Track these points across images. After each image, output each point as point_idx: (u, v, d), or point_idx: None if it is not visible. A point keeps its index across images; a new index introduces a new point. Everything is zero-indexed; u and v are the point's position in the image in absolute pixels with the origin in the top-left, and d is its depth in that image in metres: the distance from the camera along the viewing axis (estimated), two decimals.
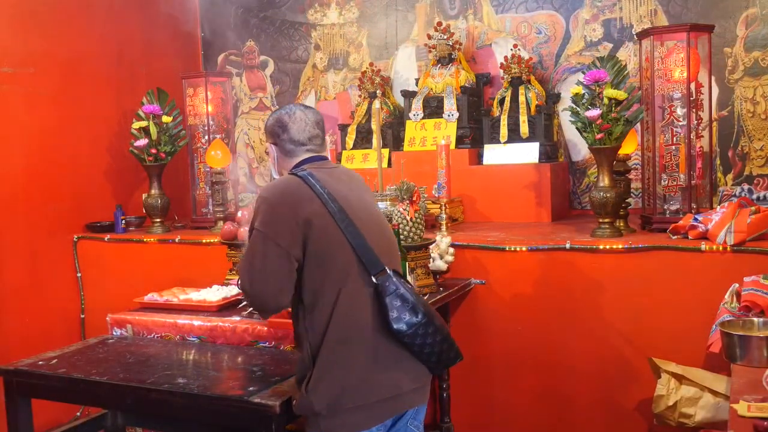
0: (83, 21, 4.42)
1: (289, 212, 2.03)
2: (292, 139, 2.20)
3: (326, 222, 2.04)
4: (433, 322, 2.09)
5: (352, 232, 2.06)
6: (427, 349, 2.09)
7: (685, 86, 3.31)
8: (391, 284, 2.05)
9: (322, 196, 2.06)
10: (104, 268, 4.24)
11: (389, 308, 2.03)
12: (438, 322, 2.11)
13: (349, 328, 2.03)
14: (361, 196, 2.21)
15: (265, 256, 2.03)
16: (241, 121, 5.21)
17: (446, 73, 4.28)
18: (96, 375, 2.49)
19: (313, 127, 2.23)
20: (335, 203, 2.06)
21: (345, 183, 2.19)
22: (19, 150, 4.02)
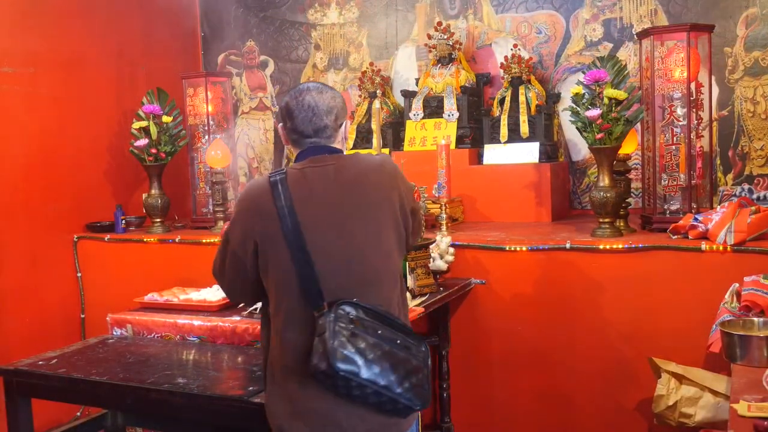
0: (83, 21, 4.42)
1: (246, 222, 1.95)
2: (295, 129, 2.00)
3: (276, 243, 1.88)
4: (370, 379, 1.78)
5: (300, 260, 1.86)
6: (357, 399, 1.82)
7: (685, 86, 3.31)
8: (330, 323, 1.79)
9: (281, 210, 1.88)
10: (104, 268, 4.24)
11: (313, 349, 1.78)
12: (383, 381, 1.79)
13: (288, 355, 1.89)
14: (341, 209, 1.92)
15: (224, 257, 2.04)
16: (242, 121, 5.21)
17: (446, 73, 4.28)
18: (96, 375, 2.49)
19: (323, 116, 1.98)
20: (292, 220, 1.87)
21: (325, 190, 1.92)
22: (19, 150, 4.02)
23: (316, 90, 2.01)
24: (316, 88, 2.02)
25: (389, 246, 1.98)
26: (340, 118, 2.04)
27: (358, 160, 2.04)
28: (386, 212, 1.97)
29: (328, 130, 2.02)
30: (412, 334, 1.93)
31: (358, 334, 1.80)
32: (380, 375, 1.79)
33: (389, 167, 2.04)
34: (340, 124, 2.05)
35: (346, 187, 1.94)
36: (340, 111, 2.04)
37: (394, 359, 1.82)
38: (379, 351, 1.81)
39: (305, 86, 2.03)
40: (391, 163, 2.07)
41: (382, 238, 1.96)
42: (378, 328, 1.85)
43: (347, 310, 1.83)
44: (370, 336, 1.82)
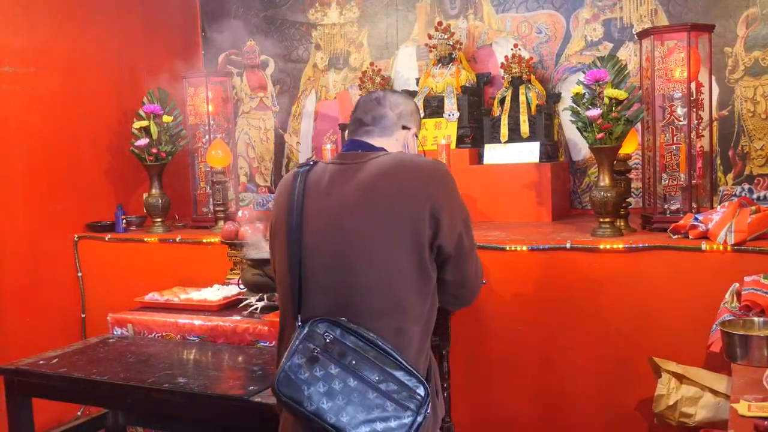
0: (84, 20, 4.42)
1: (271, 212, 1.89)
2: (355, 117, 1.97)
3: (281, 239, 1.77)
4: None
5: (292, 263, 1.71)
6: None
7: (685, 86, 3.31)
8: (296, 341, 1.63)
9: (290, 206, 1.75)
10: (105, 268, 4.24)
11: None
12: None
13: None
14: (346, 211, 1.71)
15: None
16: (242, 120, 5.21)
17: (447, 73, 4.28)
18: (97, 374, 2.49)
19: (387, 107, 1.90)
20: (297, 218, 1.73)
21: (341, 189, 1.73)
22: (19, 150, 4.02)
23: (389, 92, 2.04)
24: (390, 91, 2.05)
25: (398, 266, 1.67)
26: (404, 118, 1.95)
27: (395, 156, 1.79)
28: (402, 223, 1.67)
29: (386, 120, 1.90)
30: (411, 373, 1.62)
31: (320, 358, 1.59)
32: (331, 411, 1.56)
33: (430, 170, 1.74)
34: (403, 125, 1.94)
35: (361, 187, 1.71)
36: (407, 113, 1.96)
37: (358, 397, 1.56)
38: (340, 384, 1.57)
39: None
40: (440, 170, 1.78)
41: (386, 253, 1.67)
42: (353, 358, 1.59)
43: (322, 329, 1.62)
44: (335, 364, 1.58)
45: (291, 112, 5.07)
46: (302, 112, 5.03)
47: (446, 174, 1.79)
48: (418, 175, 1.73)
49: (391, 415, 1.57)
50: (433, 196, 1.71)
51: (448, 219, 1.71)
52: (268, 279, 2.91)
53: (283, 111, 5.10)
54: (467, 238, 1.79)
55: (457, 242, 1.75)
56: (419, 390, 1.60)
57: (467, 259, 1.80)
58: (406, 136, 1.97)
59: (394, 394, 1.58)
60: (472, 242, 1.83)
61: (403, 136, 1.96)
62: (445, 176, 1.78)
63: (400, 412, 1.58)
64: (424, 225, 1.68)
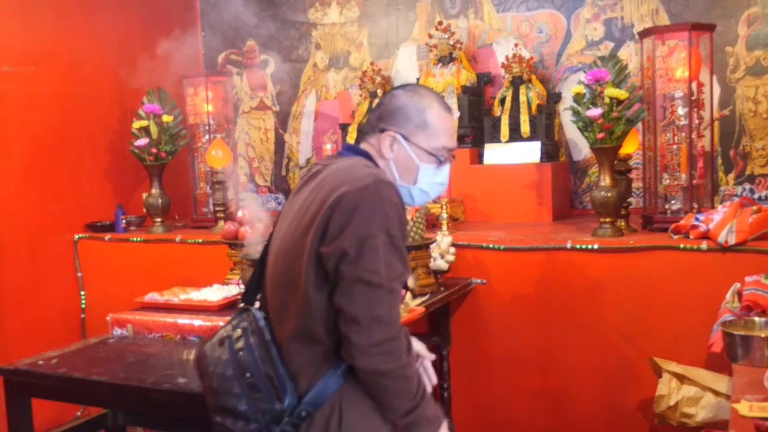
0: (84, 20, 4.42)
1: None
2: None
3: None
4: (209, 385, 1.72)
5: (261, 259, 1.83)
6: None
7: (686, 85, 3.30)
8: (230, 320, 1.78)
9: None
10: (105, 268, 4.24)
11: None
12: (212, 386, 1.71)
13: None
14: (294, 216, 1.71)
15: None
16: (242, 120, 5.21)
17: (447, 73, 4.28)
18: (96, 375, 2.49)
19: (375, 109, 1.82)
20: (278, 218, 1.82)
21: (306, 192, 1.73)
22: (19, 150, 4.02)
23: (404, 87, 1.82)
24: (408, 86, 1.83)
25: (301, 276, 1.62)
26: (384, 118, 1.77)
27: (339, 166, 1.72)
28: (309, 238, 1.62)
29: (370, 121, 1.80)
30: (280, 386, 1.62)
31: (225, 344, 1.73)
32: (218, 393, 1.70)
33: (346, 190, 1.59)
34: (380, 126, 1.76)
35: (308, 194, 1.71)
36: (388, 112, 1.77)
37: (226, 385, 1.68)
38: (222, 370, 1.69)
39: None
40: (354, 191, 1.59)
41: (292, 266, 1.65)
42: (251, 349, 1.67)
43: (255, 316, 1.72)
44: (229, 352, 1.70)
45: (291, 112, 5.07)
46: (302, 111, 5.03)
47: (375, 192, 1.60)
48: (331, 188, 1.63)
49: (243, 416, 1.65)
50: (336, 202, 1.59)
51: (338, 229, 1.58)
52: None
53: (283, 111, 5.09)
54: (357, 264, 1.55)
55: (338, 259, 1.57)
56: (276, 404, 1.62)
57: (351, 288, 1.56)
58: (380, 139, 1.76)
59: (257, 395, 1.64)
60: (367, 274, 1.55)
61: (377, 140, 1.76)
62: (357, 200, 1.58)
63: (251, 416, 1.64)
64: (318, 232, 1.60)
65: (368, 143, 1.80)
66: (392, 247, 1.58)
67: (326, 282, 1.60)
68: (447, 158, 1.82)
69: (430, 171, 1.79)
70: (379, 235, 1.56)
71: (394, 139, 1.76)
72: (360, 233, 1.56)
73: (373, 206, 1.58)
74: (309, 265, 1.61)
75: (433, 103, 1.79)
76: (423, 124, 1.76)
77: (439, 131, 1.77)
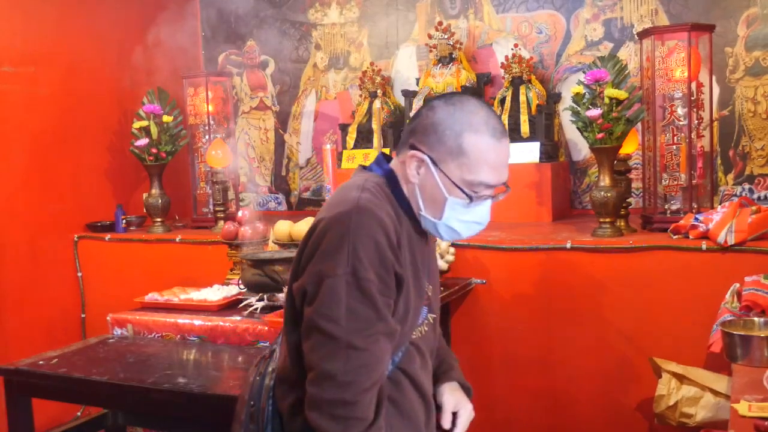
0: (83, 21, 4.42)
1: None
2: None
3: None
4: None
5: None
6: None
7: (686, 86, 3.31)
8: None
9: None
10: (105, 268, 4.24)
11: None
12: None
13: None
14: None
15: None
16: (242, 120, 5.21)
17: (447, 73, 4.28)
18: (96, 375, 2.49)
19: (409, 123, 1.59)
20: None
21: None
22: (19, 150, 4.02)
23: (450, 96, 1.53)
24: (454, 95, 1.53)
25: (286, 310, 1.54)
26: (415, 134, 1.49)
27: (346, 183, 1.55)
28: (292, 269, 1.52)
29: (401, 140, 1.56)
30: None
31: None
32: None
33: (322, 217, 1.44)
34: (411, 143, 1.49)
35: None
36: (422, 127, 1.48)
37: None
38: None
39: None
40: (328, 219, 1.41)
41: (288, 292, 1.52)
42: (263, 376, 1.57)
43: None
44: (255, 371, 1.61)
45: (291, 112, 5.07)
46: (302, 112, 5.03)
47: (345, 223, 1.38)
48: (321, 211, 1.49)
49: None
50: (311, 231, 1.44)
51: (304, 263, 1.42)
52: (268, 279, 2.91)
53: (283, 111, 5.10)
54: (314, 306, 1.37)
55: (301, 298, 1.42)
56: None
57: (309, 333, 1.39)
58: (407, 158, 1.49)
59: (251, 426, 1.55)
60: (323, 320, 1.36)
61: (404, 158, 1.50)
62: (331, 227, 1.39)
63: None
64: (294, 263, 1.48)
65: (398, 160, 1.54)
66: (359, 292, 1.34)
67: (298, 326, 1.43)
68: (485, 196, 1.51)
69: (459, 207, 1.50)
70: (341, 275, 1.34)
71: (421, 162, 1.48)
72: (319, 271, 1.36)
73: (340, 239, 1.36)
74: (288, 300, 1.49)
75: (478, 125, 1.45)
76: (458, 150, 1.45)
77: (478, 162, 1.45)
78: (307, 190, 5.05)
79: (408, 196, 1.52)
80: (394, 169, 1.55)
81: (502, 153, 1.48)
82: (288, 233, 3.27)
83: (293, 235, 3.26)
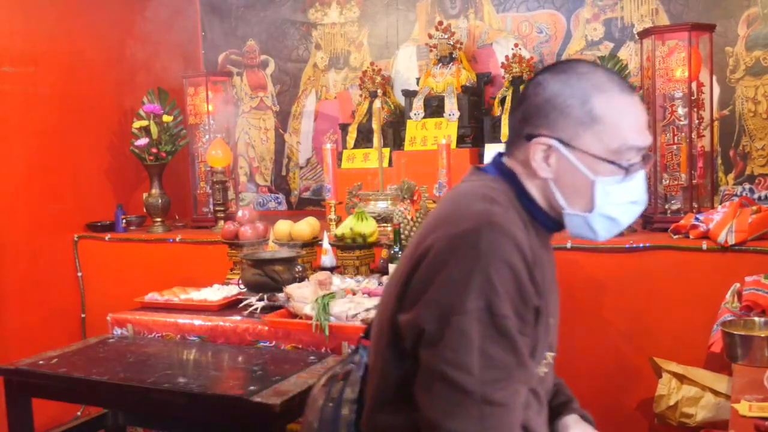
0: (83, 21, 4.42)
1: None
2: None
3: None
4: None
5: None
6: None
7: (686, 85, 3.30)
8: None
9: None
10: (105, 268, 4.24)
11: None
12: None
13: None
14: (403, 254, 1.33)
15: None
16: (242, 120, 5.21)
17: (447, 73, 4.28)
18: (96, 374, 2.48)
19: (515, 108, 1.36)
20: None
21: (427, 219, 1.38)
22: (19, 150, 4.02)
23: (558, 66, 1.29)
24: (562, 65, 1.29)
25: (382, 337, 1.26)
26: (530, 119, 1.25)
27: (459, 192, 1.30)
28: (394, 294, 1.23)
29: (511, 124, 1.31)
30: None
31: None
32: None
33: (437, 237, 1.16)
34: (527, 132, 1.25)
35: (423, 224, 1.31)
36: (535, 107, 1.24)
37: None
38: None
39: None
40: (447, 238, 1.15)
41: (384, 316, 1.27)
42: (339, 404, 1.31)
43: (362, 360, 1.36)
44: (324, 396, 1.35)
45: (291, 112, 5.07)
46: (302, 111, 5.03)
47: (473, 244, 1.11)
48: (429, 228, 1.20)
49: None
50: (425, 252, 1.16)
51: (418, 291, 1.15)
52: (268, 279, 2.91)
53: (283, 111, 5.09)
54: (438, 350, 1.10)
55: (415, 337, 1.14)
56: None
57: (430, 383, 1.11)
58: (528, 151, 1.25)
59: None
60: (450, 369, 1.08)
61: (525, 152, 1.26)
62: (455, 250, 1.13)
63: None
64: (399, 287, 1.20)
65: (514, 158, 1.29)
66: (495, 332, 1.08)
67: (405, 359, 1.17)
68: (638, 163, 1.25)
69: (613, 186, 1.24)
70: (472, 311, 1.08)
71: (549, 149, 1.24)
72: (443, 305, 1.09)
73: (469, 265, 1.09)
74: (388, 331, 1.21)
75: (602, 84, 1.25)
76: (589, 118, 1.22)
77: (619, 125, 1.23)
78: (307, 189, 5.05)
79: (538, 198, 1.29)
80: (513, 171, 1.27)
81: (640, 109, 1.29)
82: (288, 233, 3.28)
83: (293, 235, 3.26)
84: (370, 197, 3.61)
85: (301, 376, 2.31)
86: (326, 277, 2.80)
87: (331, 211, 3.58)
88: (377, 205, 3.57)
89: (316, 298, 2.61)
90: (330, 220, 3.55)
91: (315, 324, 2.54)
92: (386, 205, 3.54)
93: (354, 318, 2.53)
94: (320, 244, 3.28)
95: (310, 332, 2.58)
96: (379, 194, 3.61)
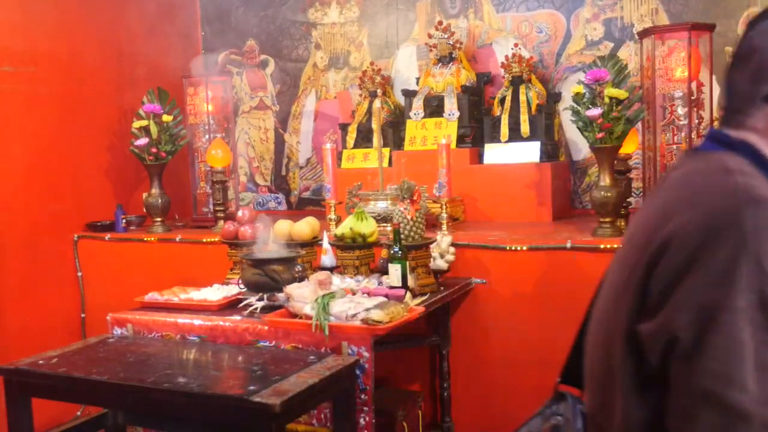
0: (84, 20, 4.42)
1: None
2: None
3: None
4: None
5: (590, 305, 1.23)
6: None
7: (686, 85, 3.30)
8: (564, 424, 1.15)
9: None
10: (105, 268, 4.24)
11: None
12: None
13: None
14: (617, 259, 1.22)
15: None
16: (242, 120, 5.21)
17: (447, 73, 4.28)
18: (96, 374, 2.48)
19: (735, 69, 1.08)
20: None
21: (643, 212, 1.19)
22: (19, 150, 4.02)
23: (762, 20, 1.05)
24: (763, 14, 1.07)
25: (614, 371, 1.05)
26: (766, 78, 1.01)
27: (687, 172, 1.08)
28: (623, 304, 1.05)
29: (734, 89, 1.06)
30: None
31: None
32: None
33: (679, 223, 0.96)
34: (764, 93, 1.01)
35: (642, 219, 1.13)
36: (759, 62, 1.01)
37: None
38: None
39: None
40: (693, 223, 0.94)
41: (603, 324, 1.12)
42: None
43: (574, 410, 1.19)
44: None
45: (291, 112, 5.07)
46: (302, 111, 5.03)
47: (734, 222, 0.90)
48: (660, 217, 1.00)
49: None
50: (666, 243, 0.95)
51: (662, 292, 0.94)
52: (268, 279, 2.90)
53: (283, 111, 5.10)
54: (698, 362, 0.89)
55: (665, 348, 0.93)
56: None
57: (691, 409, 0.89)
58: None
59: None
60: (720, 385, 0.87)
61: (764, 118, 1.02)
62: (708, 233, 0.91)
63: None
64: (630, 294, 1.02)
65: (746, 127, 1.03)
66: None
67: (650, 389, 0.96)
68: None
69: None
70: (742, 309, 0.86)
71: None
72: (702, 305, 0.88)
73: (732, 252, 0.88)
74: (623, 353, 1.00)
75: None
76: None
77: None
78: (307, 189, 5.05)
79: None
80: (747, 142, 1.03)
81: None
82: (288, 233, 3.27)
83: (293, 235, 3.26)
84: (370, 197, 3.61)
85: (301, 375, 2.31)
86: (326, 277, 2.80)
87: (331, 211, 3.58)
88: (377, 205, 3.57)
89: (316, 297, 2.61)
90: (330, 220, 3.55)
91: (315, 324, 2.54)
92: (386, 205, 3.54)
93: (354, 318, 2.53)
94: (320, 244, 3.28)
95: (309, 332, 2.58)
96: (379, 194, 3.62)
